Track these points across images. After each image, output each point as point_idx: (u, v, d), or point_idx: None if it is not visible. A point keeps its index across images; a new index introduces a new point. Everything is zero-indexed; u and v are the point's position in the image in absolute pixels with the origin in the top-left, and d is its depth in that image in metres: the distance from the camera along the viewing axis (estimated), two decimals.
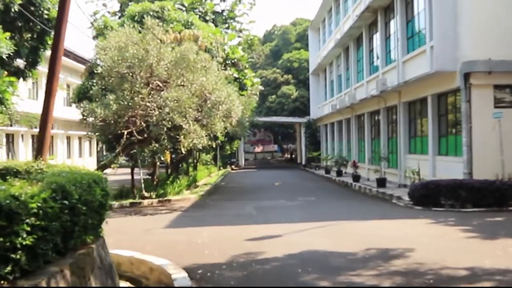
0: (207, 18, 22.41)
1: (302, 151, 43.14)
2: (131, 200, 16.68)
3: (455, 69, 14.52)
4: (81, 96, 18.31)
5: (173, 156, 25.71)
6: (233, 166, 43.56)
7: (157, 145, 16.48)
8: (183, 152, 16.59)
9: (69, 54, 30.15)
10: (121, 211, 15.27)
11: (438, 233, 9.85)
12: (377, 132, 23.91)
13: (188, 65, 14.79)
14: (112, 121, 15.97)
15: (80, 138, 34.62)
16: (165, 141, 16.72)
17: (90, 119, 16.44)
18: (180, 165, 31.98)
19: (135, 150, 17.45)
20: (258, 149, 62.32)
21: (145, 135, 16.14)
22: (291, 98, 46.01)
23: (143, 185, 17.28)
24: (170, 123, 14.35)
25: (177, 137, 15.98)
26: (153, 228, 11.48)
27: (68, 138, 33.25)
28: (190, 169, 29.66)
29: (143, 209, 15.54)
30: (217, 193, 20.93)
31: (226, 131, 16.19)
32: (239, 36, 23.55)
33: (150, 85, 15.15)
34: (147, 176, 19.70)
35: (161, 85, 15.13)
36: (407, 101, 19.10)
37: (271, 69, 49.14)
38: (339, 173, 27.78)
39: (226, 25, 23.97)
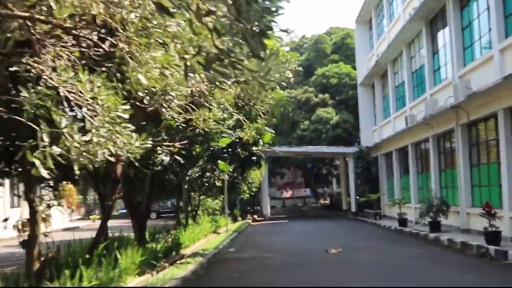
0: None
1: (351, 193, 30.78)
2: None
3: None
4: None
5: (137, 199, 14.04)
6: (255, 216, 31.54)
7: None
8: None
9: None
10: None
11: None
12: None
13: None
14: None
15: None
16: None
17: None
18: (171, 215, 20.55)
19: None
20: (287, 193, 49.97)
21: None
22: (330, 123, 34.45)
23: None
24: None
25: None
26: None
27: None
28: (189, 221, 18.07)
29: None
30: None
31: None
32: None
33: None
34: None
35: None
36: None
37: (302, 87, 37.88)
38: (435, 226, 15.90)
39: None
